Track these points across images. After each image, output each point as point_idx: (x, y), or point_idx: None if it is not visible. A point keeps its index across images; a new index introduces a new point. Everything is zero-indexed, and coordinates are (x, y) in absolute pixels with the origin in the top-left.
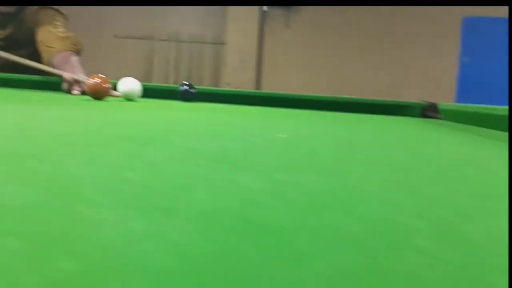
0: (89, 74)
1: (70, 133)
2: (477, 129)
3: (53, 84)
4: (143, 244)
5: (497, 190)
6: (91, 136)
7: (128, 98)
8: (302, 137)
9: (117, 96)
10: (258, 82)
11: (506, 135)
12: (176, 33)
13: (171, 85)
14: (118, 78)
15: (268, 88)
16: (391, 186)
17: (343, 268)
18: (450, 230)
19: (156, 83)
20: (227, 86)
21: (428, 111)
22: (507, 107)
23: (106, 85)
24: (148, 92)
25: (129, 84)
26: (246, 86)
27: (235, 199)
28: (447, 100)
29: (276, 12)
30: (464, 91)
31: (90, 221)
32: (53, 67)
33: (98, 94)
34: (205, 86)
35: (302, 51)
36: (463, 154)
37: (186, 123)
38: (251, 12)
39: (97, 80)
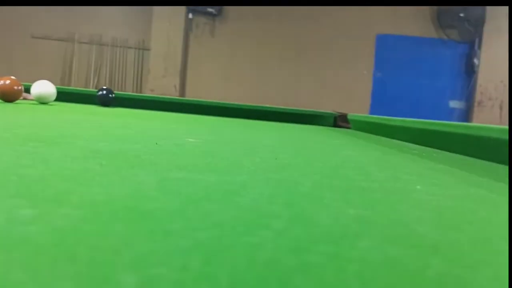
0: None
1: None
2: (374, 137)
3: None
4: (28, 227)
5: (361, 185)
6: None
7: (42, 101)
8: (210, 141)
9: (30, 99)
10: (182, 89)
11: (395, 141)
12: (98, 36)
13: (89, 89)
14: (34, 81)
15: (192, 95)
16: (272, 183)
17: (199, 241)
18: (303, 215)
19: (75, 87)
20: (150, 92)
21: (339, 121)
22: (402, 118)
23: (17, 87)
24: (66, 96)
25: (43, 87)
26: (170, 92)
27: (124, 192)
28: (362, 112)
29: (201, 20)
30: (377, 104)
31: None
32: None
33: (7, 96)
34: (128, 91)
35: (226, 59)
36: (347, 157)
37: (97, 127)
38: (176, 18)
39: (7, 81)
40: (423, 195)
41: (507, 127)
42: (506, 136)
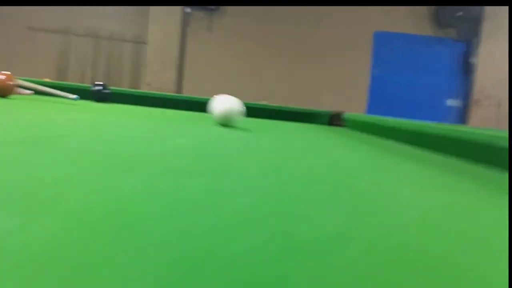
0: None
1: None
2: (367, 137)
3: None
4: (9, 239)
5: (349, 186)
6: None
7: (224, 122)
8: (202, 143)
9: (26, 94)
10: (179, 83)
11: (387, 142)
12: (95, 29)
13: (84, 84)
14: (31, 74)
15: (189, 89)
16: (259, 189)
17: (178, 254)
18: (285, 225)
19: (71, 81)
20: (147, 86)
21: (334, 120)
22: (396, 119)
23: (10, 82)
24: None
25: (225, 105)
26: (167, 87)
27: (110, 197)
28: (359, 110)
29: (198, 14)
30: (374, 102)
31: None
32: None
33: (1, 91)
34: (124, 86)
35: (223, 55)
36: (337, 158)
37: (88, 126)
38: (174, 12)
39: (0, 77)
40: (409, 200)
41: (499, 131)
42: (498, 141)
